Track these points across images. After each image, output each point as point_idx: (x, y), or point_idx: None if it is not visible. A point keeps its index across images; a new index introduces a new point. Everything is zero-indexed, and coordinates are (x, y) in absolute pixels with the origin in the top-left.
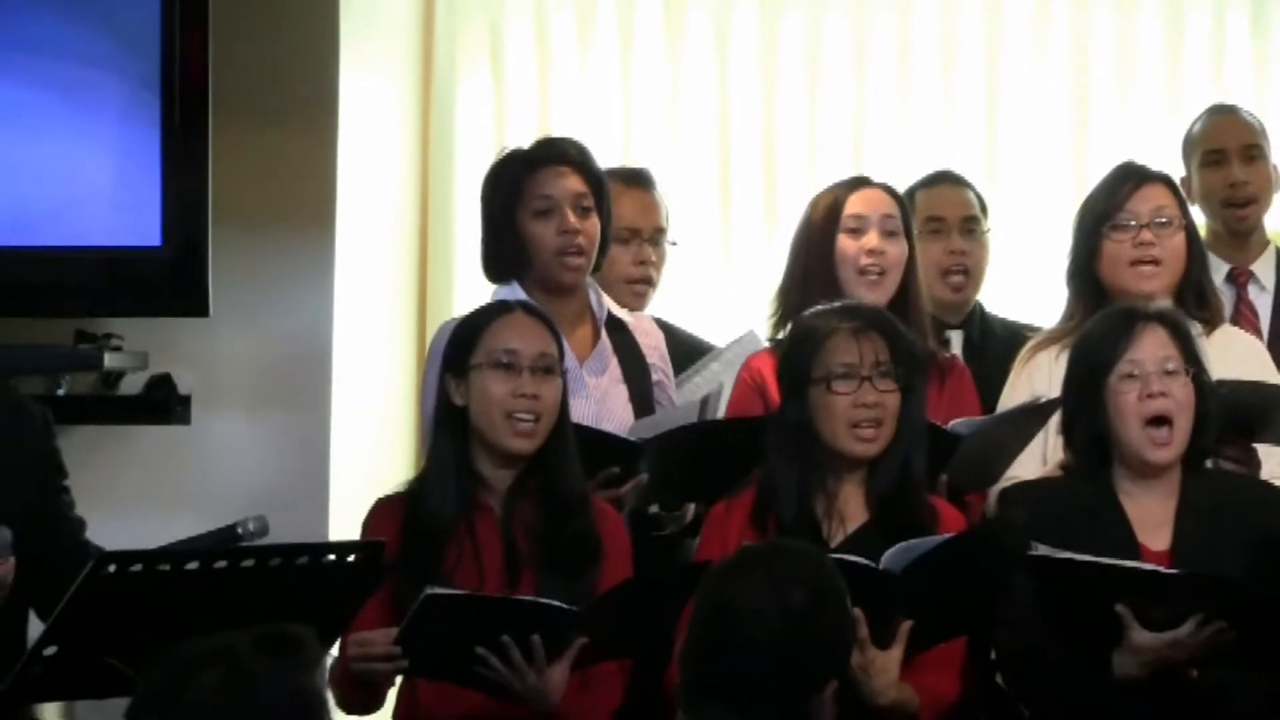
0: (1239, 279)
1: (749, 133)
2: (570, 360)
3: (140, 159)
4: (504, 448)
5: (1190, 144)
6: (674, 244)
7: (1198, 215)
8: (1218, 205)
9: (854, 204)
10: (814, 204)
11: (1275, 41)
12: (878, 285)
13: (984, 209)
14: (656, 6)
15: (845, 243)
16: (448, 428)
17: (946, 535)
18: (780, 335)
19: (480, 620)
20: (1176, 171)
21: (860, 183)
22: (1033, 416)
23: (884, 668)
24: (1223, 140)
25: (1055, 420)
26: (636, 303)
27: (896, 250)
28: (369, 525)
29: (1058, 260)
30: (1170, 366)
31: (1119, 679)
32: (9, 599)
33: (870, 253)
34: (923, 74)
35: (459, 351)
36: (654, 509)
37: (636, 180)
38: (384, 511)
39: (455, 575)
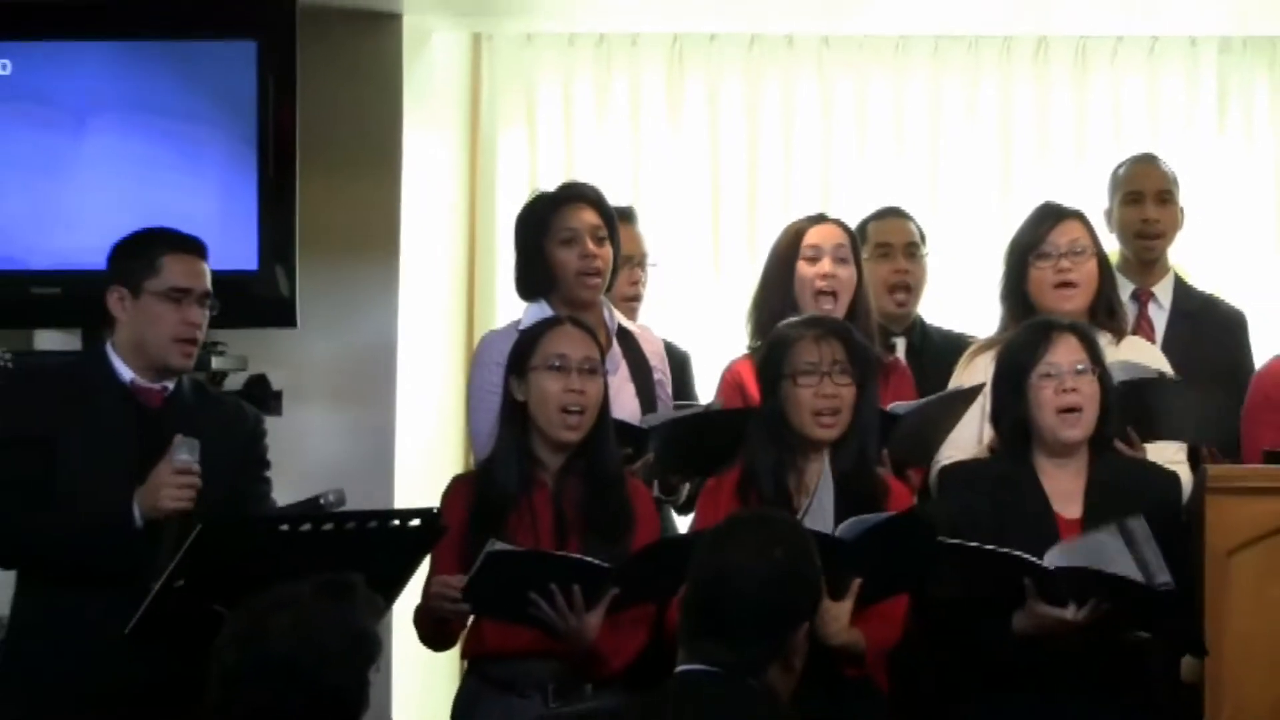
0: (1142, 298)
1: (734, 176)
2: None
3: (240, 199)
4: (556, 438)
5: (1115, 183)
6: (654, 265)
7: (1112, 242)
8: (1131, 237)
9: (811, 236)
10: (782, 234)
11: (1166, 103)
12: (831, 303)
13: (923, 237)
14: (659, 74)
15: (804, 268)
16: (510, 419)
17: (890, 514)
18: (756, 343)
19: (533, 572)
20: (1088, 207)
21: (818, 219)
22: (960, 400)
23: (837, 615)
24: (1141, 184)
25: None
26: (630, 315)
27: (847, 274)
28: (447, 495)
29: (985, 280)
30: (1080, 368)
31: (1017, 633)
32: None
33: (824, 276)
34: (877, 129)
35: (520, 357)
36: (656, 493)
37: (625, 217)
38: (458, 486)
39: (515, 537)
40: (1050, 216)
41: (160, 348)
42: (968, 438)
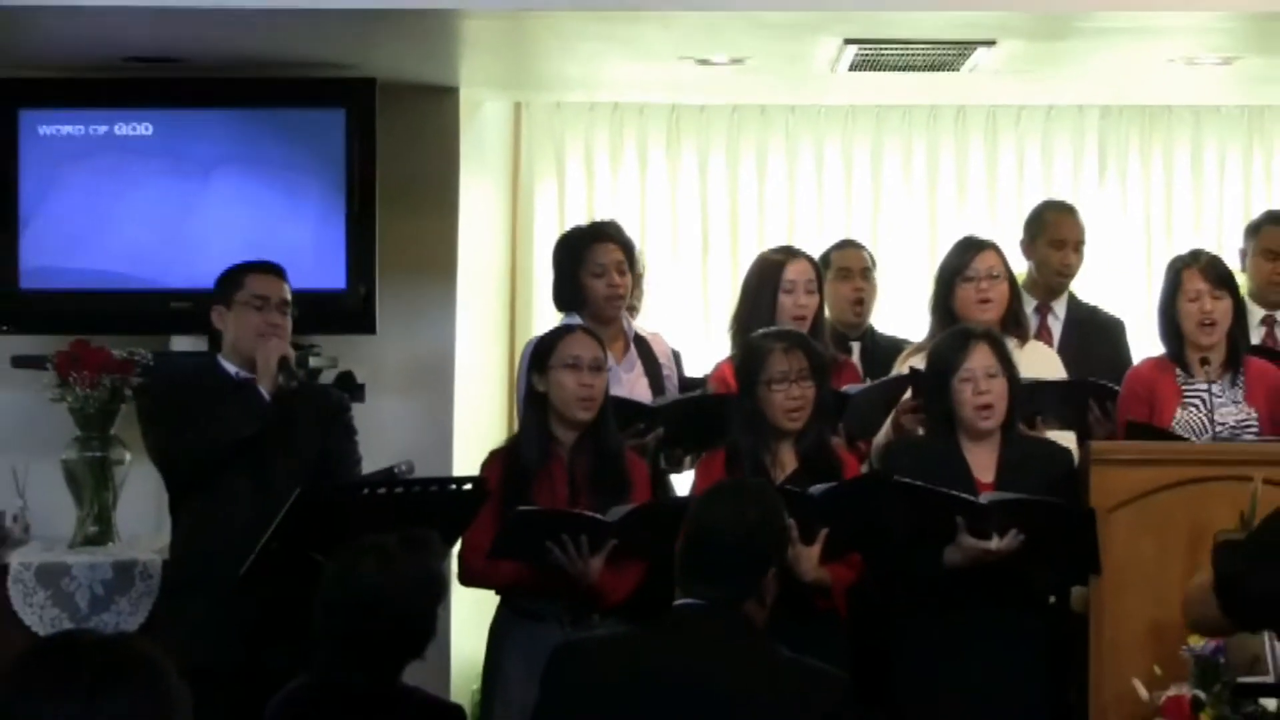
0: (1043, 311)
1: (719, 215)
2: (611, 362)
3: (332, 233)
4: (573, 419)
5: (1040, 225)
6: (641, 274)
7: (1019, 263)
8: (1052, 274)
9: (789, 272)
10: (760, 263)
11: (1059, 159)
12: (803, 325)
13: (874, 262)
14: (661, 136)
15: (784, 299)
16: (533, 406)
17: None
18: (736, 351)
19: (550, 525)
20: (1001, 238)
21: (793, 254)
22: (895, 385)
23: (808, 556)
24: (1066, 234)
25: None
26: (632, 316)
27: (815, 302)
28: (485, 465)
29: (918, 298)
30: (991, 372)
31: (947, 565)
32: None
33: (799, 305)
34: (831, 176)
35: (541, 357)
36: (663, 465)
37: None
38: (494, 458)
39: (537, 498)
40: (973, 247)
41: (250, 344)
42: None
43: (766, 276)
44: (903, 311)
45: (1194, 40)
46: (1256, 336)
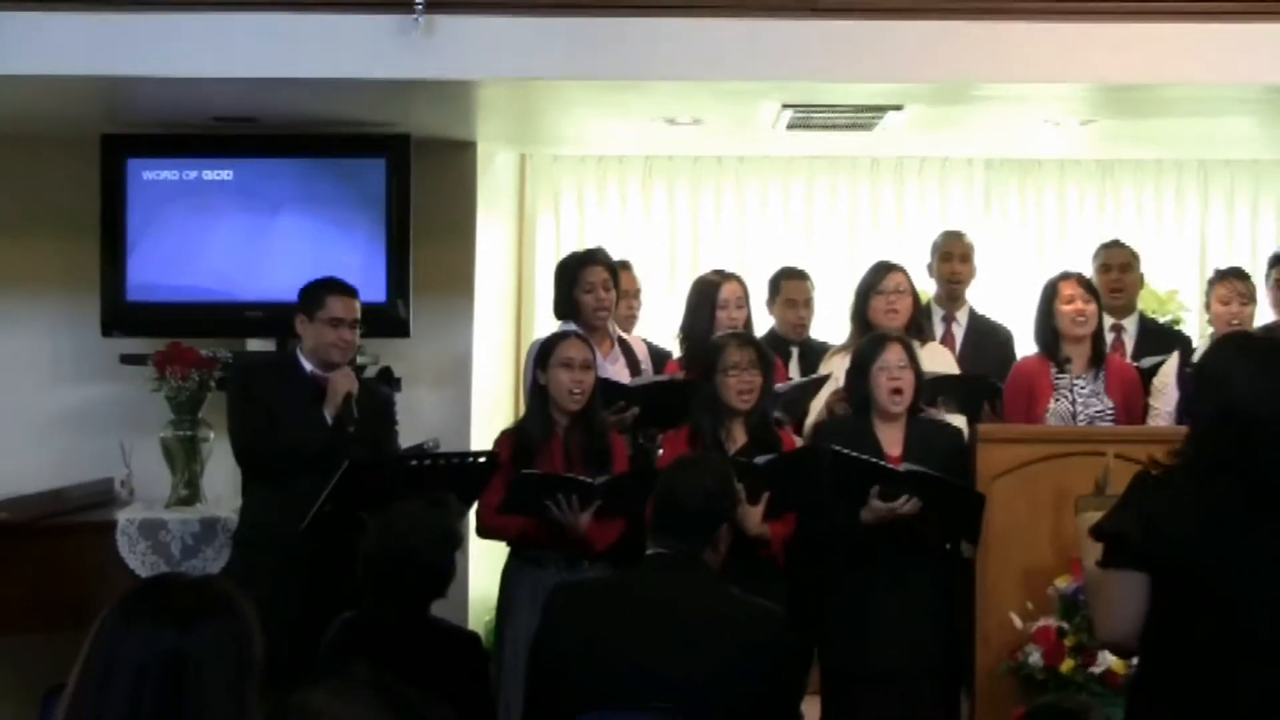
0: (949, 320)
1: (684, 244)
2: (600, 358)
3: (375, 257)
4: (566, 408)
5: (935, 247)
6: (638, 290)
7: (930, 285)
8: (945, 282)
9: (723, 292)
10: (699, 284)
11: (952, 202)
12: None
13: (814, 287)
14: (637, 181)
15: (719, 314)
16: (536, 395)
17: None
18: (684, 352)
19: (548, 487)
20: (908, 263)
21: (727, 276)
22: (814, 385)
23: (753, 514)
24: (952, 248)
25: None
26: (629, 327)
27: (743, 315)
28: (497, 442)
29: (841, 309)
30: (902, 365)
31: (862, 522)
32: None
33: (731, 319)
34: (773, 213)
35: (542, 357)
36: (640, 441)
37: (625, 266)
38: (505, 436)
39: (538, 467)
40: (884, 268)
41: (325, 352)
42: (814, 407)
43: (704, 295)
44: (829, 320)
45: (1060, 106)
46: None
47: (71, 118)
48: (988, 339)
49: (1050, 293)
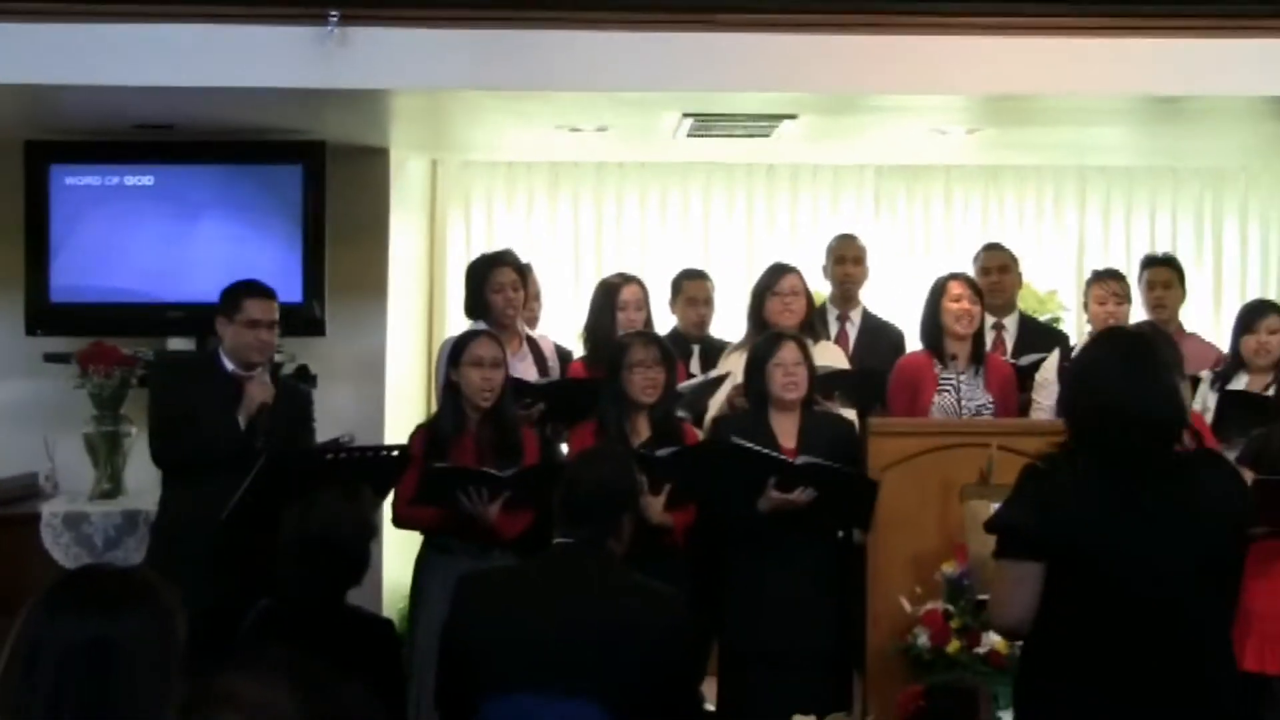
0: (843, 319)
1: (588, 246)
2: (509, 355)
3: (292, 260)
4: (477, 404)
5: (829, 250)
6: (537, 292)
7: (825, 286)
8: (839, 283)
9: (623, 294)
10: (602, 286)
11: (843, 208)
12: (638, 326)
13: (714, 288)
14: (544, 186)
15: (620, 315)
16: (449, 391)
17: (689, 444)
18: (588, 351)
19: (458, 479)
20: (802, 265)
21: (627, 279)
22: (713, 383)
23: (655, 504)
24: (844, 251)
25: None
26: (532, 324)
27: (642, 316)
28: (412, 436)
29: (738, 309)
30: (797, 361)
31: (760, 510)
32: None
33: (630, 320)
34: (674, 219)
35: (454, 355)
36: (548, 434)
37: (528, 269)
38: (419, 431)
39: (451, 460)
40: (779, 270)
41: (244, 353)
42: (714, 403)
43: (606, 297)
44: (727, 320)
45: (946, 116)
46: (988, 342)
47: None
48: (881, 337)
49: (938, 291)
